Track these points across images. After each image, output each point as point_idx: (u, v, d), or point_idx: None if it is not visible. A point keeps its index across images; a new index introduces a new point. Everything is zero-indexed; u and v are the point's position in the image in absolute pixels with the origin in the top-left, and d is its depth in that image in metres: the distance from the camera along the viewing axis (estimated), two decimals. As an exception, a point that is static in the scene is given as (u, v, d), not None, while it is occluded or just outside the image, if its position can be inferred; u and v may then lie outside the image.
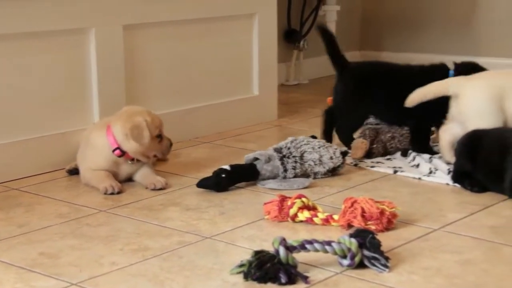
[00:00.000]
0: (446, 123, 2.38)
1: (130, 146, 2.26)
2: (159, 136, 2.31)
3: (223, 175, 2.22)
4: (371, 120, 2.98)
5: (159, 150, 2.32)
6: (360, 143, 2.50)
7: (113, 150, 2.28)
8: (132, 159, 2.30)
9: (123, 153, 2.28)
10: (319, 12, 4.13)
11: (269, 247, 1.63)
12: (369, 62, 2.81)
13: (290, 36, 4.08)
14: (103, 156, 2.29)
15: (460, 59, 3.51)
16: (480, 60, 3.88)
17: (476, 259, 1.69)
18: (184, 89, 2.88)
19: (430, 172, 2.33)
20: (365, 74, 2.55)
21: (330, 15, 4.14)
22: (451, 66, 2.54)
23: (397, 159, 2.50)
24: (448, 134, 2.36)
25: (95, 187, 2.26)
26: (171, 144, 2.36)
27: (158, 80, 2.78)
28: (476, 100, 2.28)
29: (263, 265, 1.58)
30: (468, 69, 2.48)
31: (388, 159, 2.51)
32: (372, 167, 2.44)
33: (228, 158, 2.56)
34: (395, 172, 2.38)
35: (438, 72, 2.50)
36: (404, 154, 2.51)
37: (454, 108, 2.34)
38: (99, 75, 2.57)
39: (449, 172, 2.27)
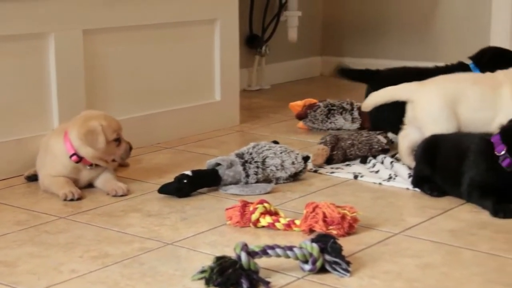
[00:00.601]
0: (404, 129, 2.41)
1: (87, 152, 2.24)
2: (117, 140, 2.28)
3: (185, 181, 2.21)
4: (332, 126, 3.03)
5: (117, 154, 2.29)
6: (320, 150, 2.52)
7: (70, 156, 2.25)
8: (91, 165, 2.27)
9: (80, 159, 2.26)
10: (281, 17, 4.15)
11: (231, 253, 1.63)
12: (397, 68, 2.90)
13: (252, 42, 4.09)
14: (61, 162, 2.26)
15: (419, 65, 3.56)
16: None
17: (435, 263, 1.71)
18: (146, 94, 2.86)
19: (390, 178, 2.35)
20: (395, 79, 2.54)
21: (292, 20, 4.17)
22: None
23: (356, 165, 2.52)
24: (407, 140, 2.39)
25: (55, 194, 2.23)
26: (130, 148, 2.33)
27: (119, 85, 2.76)
28: (429, 106, 2.31)
29: (224, 271, 1.57)
30: (488, 56, 2.55)
31: (347, 165, 2.53)
32: (332, 173, 2.45)
33: (190, 163, 2.55)
34: (356, 177, 2.39)
35: (460, 70, 2.57)
36: (364, 161, 2.53)
37: (409, 113, 2.37)
38: (59, 80, 2.53)
39: (409, 177, 2.30)
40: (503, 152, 2.02)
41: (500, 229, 1.90)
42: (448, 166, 2.16)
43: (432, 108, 2.30)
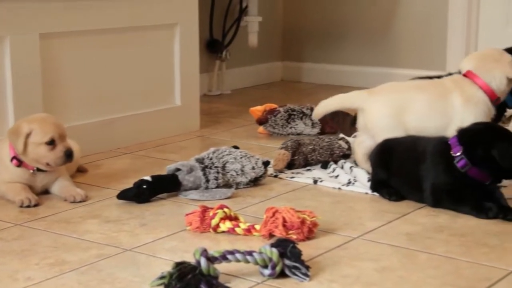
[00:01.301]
0: (358, 136, 2.42)
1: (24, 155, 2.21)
2: (51, 143, 2.21)
3: (144, 186, 2.19)
4: (293, 131, 3.04)
5: (50, 158, 2.21)
6: (282, 155, 2.53)
7: (11, 160, 2.21)
8: (34, 169, 2.23)
9: (20, 163, 2.22)
10: (241, 22, 4.16)
11: (190, 258, 1.62)
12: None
13: (212, 47, 4.09)
14: (7, 167, 2.22)
15: (379, 70, 3.60)
16: (398, 72, 4.05)
17: (393, 266, 1.73)
18: (105, 99, 2.83)
19: (349, 183, 2.37)
20: None
21: (252, 25, 4.18)
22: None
23: (317, 170, 2.53)
24: (362, 147, 2.39)
25: (11, 200, 2.19)
26: (70, 154, 2.22)
27: (78, 90, 2.73)
28: (378, 115, 2.32)
29: (184, 276, 1.56)
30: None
31: (308, 170, 2.54)
32: (292, 178, 2.46)
33: (149, 169, 2.53)
34: (315, 182, 2.41)
35: None
36: (324, 166, 2.55)
37: (361, 121, 2.38)
38: (14, 85, 2.49)
39: (368, 181, 2.32)
40: (459, 153, 2.04)
41: (455, 232, 1.93)
42: (405, 170, 2.18)
43: (380, 117, 2.31)
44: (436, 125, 2.30)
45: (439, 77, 2.57)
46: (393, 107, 2.30)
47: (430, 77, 2.53)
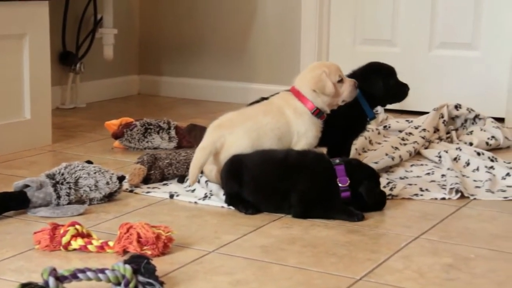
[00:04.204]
0: (208, 164, 2.36)
1: None
2: None
3: (-11, 204, 2.08)
4: (150, 145, 3.00)
5: None
6: (137, 169, 2.49)
7: None
8: None
9: None
10: (96, 34, 4.07)
11: (38, 279, 1.55)
12: None
13: (65, 59, 3.96)
14: None
15: (236, 85, 3.64)
16: (254, 87, 4.13)
17: (247, 279, 1.74)
18: None
19: (205, 196, 2.37)
20: None
21: (107, 38, 4.10)
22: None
23: (173, 184, 2.52)
24: (214, 175, 2.36)
25: None
26: None
27: None
28: (241, 148, 2.31)
29: (31, 298, 1.49)
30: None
31: (164, 184, 2.52)
32: (148, 192, 2.43)
33: (-5, 185, 2.40)
34: (171, 196, 2.39)
35: None
36: (181, 180, 2.53)
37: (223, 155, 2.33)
38: None
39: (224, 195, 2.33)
40: (346, 184, 2.17)
41: (307, 243, 1.99)
42: (262, 184, 2.22)
43: (244, 149, 2.31)
44: (289, 142, 2.38)
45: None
46: (251, 136, 2.34)
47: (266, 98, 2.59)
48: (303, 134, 2.38)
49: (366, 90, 2.55)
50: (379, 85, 2.58)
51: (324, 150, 2.56)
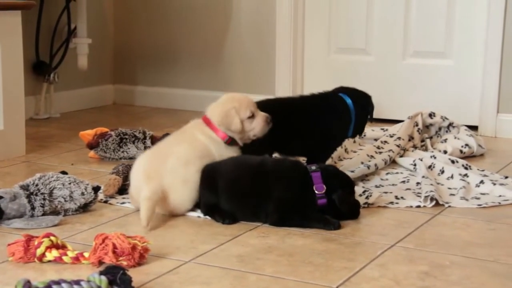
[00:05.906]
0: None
1: None
2: None
3: (-38, 216, 2.05)
4: (125, 155, 2.99)
5: None
6: (112, 180, 2.47)
7: None
8: None
9: None
10: (70, 44, 4.04)
11: (12, 292, 1.53)
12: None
13: (39, 69, 3.93)
14: None
15: (211, 94, 3.63)
16: (229, 96, 4.12)
17: (224, 289, 1.74)
18: None
19: (182, 206, 2.36)
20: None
21: (81, 48, 4.07)
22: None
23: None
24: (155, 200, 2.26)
25: None
26: None
27: None
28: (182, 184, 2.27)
29: (5, 311, 1.47)
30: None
31: (140, 193, 2.51)
32: (123, 203, 2.41)
33: (-32, 197, 2.36)
34: (148, 206, 2.37)
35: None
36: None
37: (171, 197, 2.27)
38: None
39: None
40: (322, 191, 2.17)
41: (284, 252, 1.99)
42: (236, 189, 2.22)
43: (187, 180, 2.27)
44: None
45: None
46: (199, 153, 2.30)
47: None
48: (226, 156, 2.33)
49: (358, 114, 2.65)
50: (366, 120, 2.71)
51: (302, 159, 2.57)
